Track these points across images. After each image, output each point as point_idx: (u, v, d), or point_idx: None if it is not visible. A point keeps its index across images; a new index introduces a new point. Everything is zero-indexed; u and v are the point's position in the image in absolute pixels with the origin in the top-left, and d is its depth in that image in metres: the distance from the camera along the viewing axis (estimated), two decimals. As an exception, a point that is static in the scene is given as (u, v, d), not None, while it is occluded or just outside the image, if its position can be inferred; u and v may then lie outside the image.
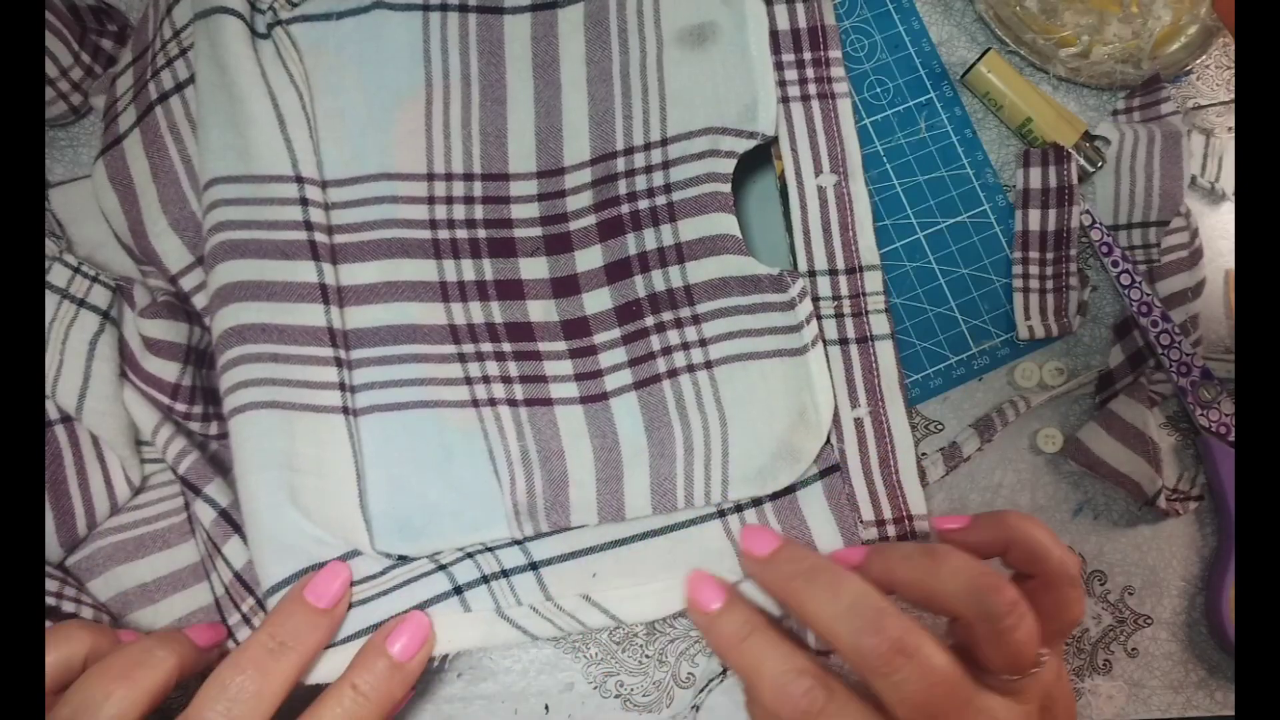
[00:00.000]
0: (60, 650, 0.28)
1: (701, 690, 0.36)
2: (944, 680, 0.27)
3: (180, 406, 0.33)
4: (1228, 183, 0.39)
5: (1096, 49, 0.39)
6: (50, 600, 0.32)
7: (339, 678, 0.29)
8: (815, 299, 0.36)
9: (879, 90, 0.39)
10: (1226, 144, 0.39)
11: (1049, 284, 0.38)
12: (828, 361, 0.34)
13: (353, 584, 0.31)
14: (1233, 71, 0.40)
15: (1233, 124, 0.40)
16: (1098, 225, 0.38)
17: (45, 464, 0.33)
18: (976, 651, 0.28)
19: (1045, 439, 0.37)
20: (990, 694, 0.27)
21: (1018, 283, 0.38)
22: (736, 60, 0.35)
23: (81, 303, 0.33)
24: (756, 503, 0.34)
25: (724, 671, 0.36)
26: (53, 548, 0.33)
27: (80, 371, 0.32)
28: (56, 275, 0.33)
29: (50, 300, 0.32)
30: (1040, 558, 0.30)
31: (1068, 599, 0.29)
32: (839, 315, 0.36)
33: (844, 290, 0.36)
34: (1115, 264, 0.38)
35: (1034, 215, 0.38)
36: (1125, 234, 0.38)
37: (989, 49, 0.38)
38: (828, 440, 0.34)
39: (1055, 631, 0.29)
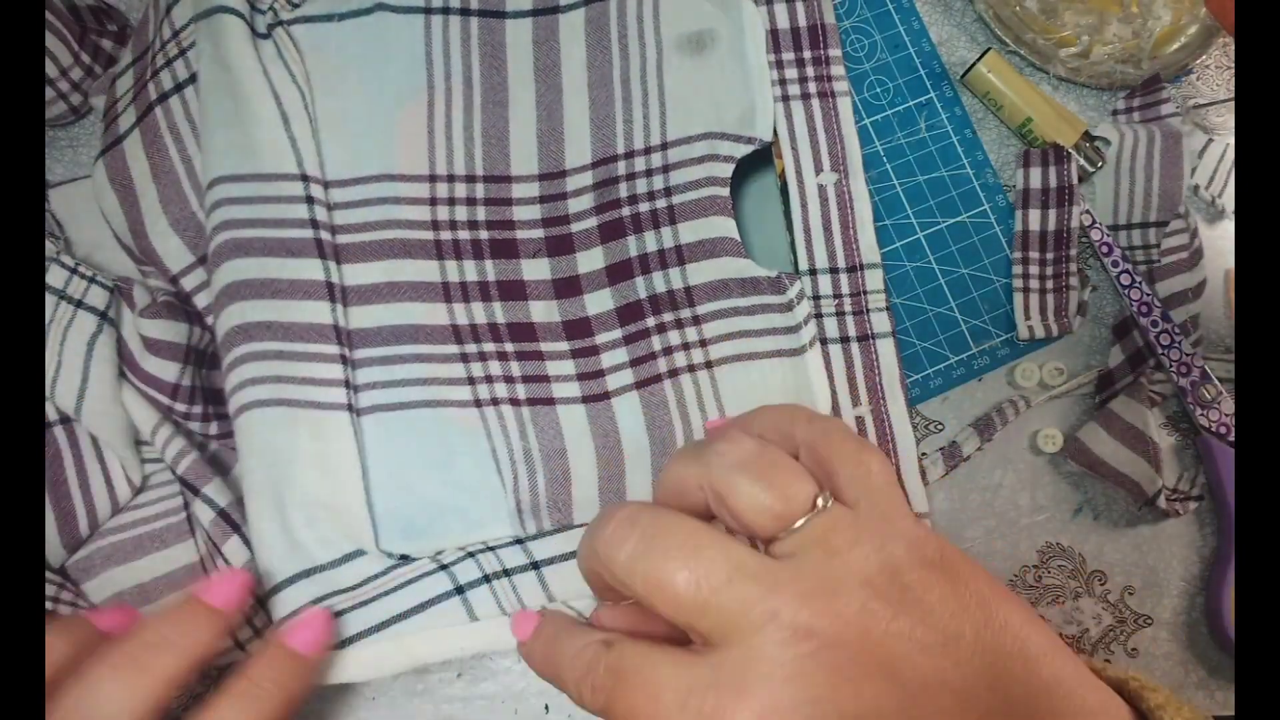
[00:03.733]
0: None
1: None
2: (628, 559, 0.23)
3: (180, 406, 0.33)
4: (1230, 200, 0.39)
5: (1096, 49, 0.39)
6: (48, 604, 0.32)
7: (237, 673, 0.27)
8: (816, 297, 0.36)
9: (879, 90, 0.39)
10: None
11: (1049, 284, 0.38)
12: (828, 361, 0.35)
13: (355, 585, 0.31)
14: (1233, 71, 0.40)
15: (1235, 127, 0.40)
16: (1098, 225, 0.38)
17: (45, 465, 0.33)
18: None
19: (1045, 439, 0.37)
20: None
21: (1018, 283, 0.38)
22: (734, 67, 0.36)
23: (79, 303, 0.33)
24: None
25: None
26: (55, 549, 0.33)
27: (79, 372, 0.32)
28: (54, 276, 0.33)
29: (48, 301, 0.32)
30: (785, 430, 0.26)
31: (843, 452, 0.25)
32: (840, 313, 0.36)
33: (845, 288, 0.36)
34: (1115, 264, 0.38)
35: (1034, 215, 0.38)
36: (1125, 234, 0.39)
37: (989, 49, 0.38)
38: None
39: (853, 485, 0.25)
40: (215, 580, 0.28)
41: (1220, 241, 0.39)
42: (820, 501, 0.24)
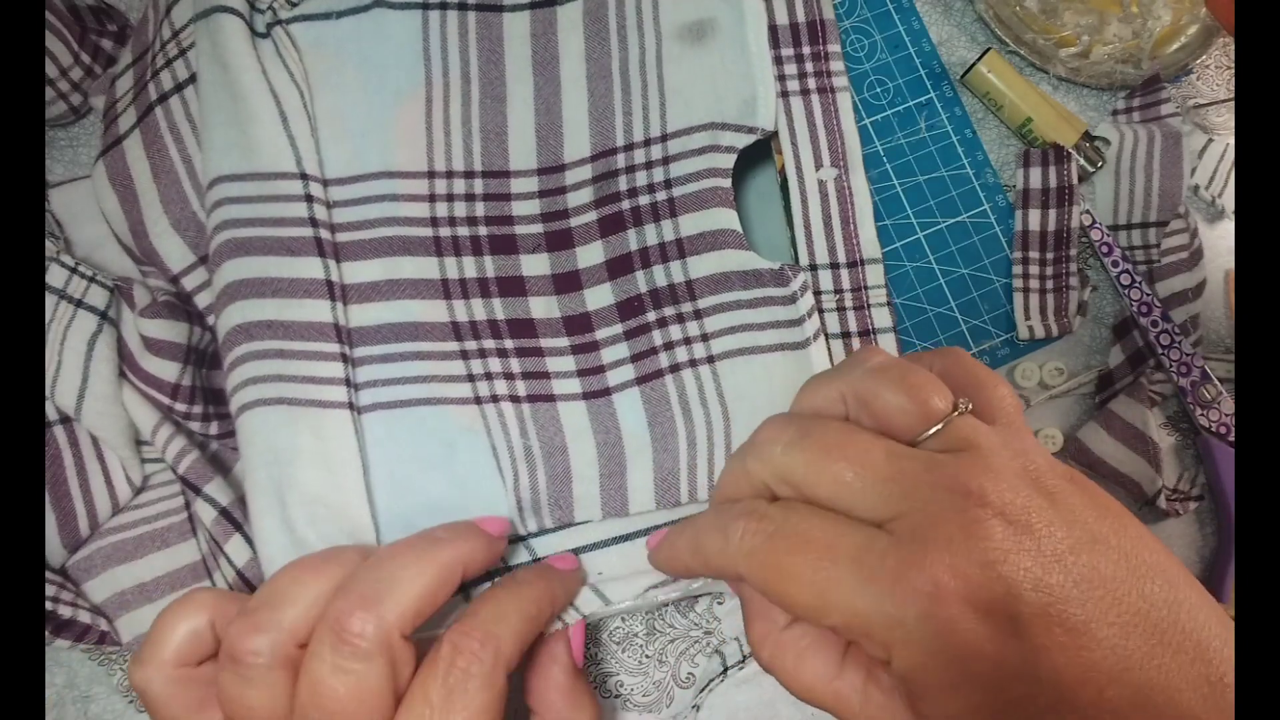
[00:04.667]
0: (182, 616, 0.27)
1: (702, 690, 0.36)
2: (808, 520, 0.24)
3: (180, 406, 0.33)
4: (1230, 200, 0.39)
5: (1096, 49, 0.39)
6: (47, 604, 0.32)
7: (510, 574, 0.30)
8: (817, 292, 0.36)
9: (879, 90, 0.39)
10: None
11: (1049, 284, 0.38)
12: (830, 355, 0.35)
13: None
14: (1233, 71, 0.40)
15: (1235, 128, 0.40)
16: (1098, 225, 0.38)
17: (45, 465, 0.33)
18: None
19: (1045, 439, 0.37)
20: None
21: (1018, 283, 0.38)
22: (735, 56, 0.35)
23: (79, 303, 0.33)
24: None
25: (724, 671, 0.36)
26: (56, 549, 0.33)
27: (79, 372, 0.32)
28: (54, 276, 0.33)
29: (48, 301, 0.32)
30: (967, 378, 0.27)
31: (966, 372, 0.26)
32: (841, 309, 0.36)
33: (845, 283, 0.36)
34: (1115, 264, 0.38)
35: (1034, 215, 0.38)
36: (1125, 234, 0.39)
37: (989, 49, 0.38)
38: None
39: (987, 411, 0.26)
40: (490, 519, 0.30)
41: (1220, 241, 0.39)
42: (961, 406, 0.25)
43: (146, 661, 0.26)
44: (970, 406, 0.25)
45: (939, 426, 0.24)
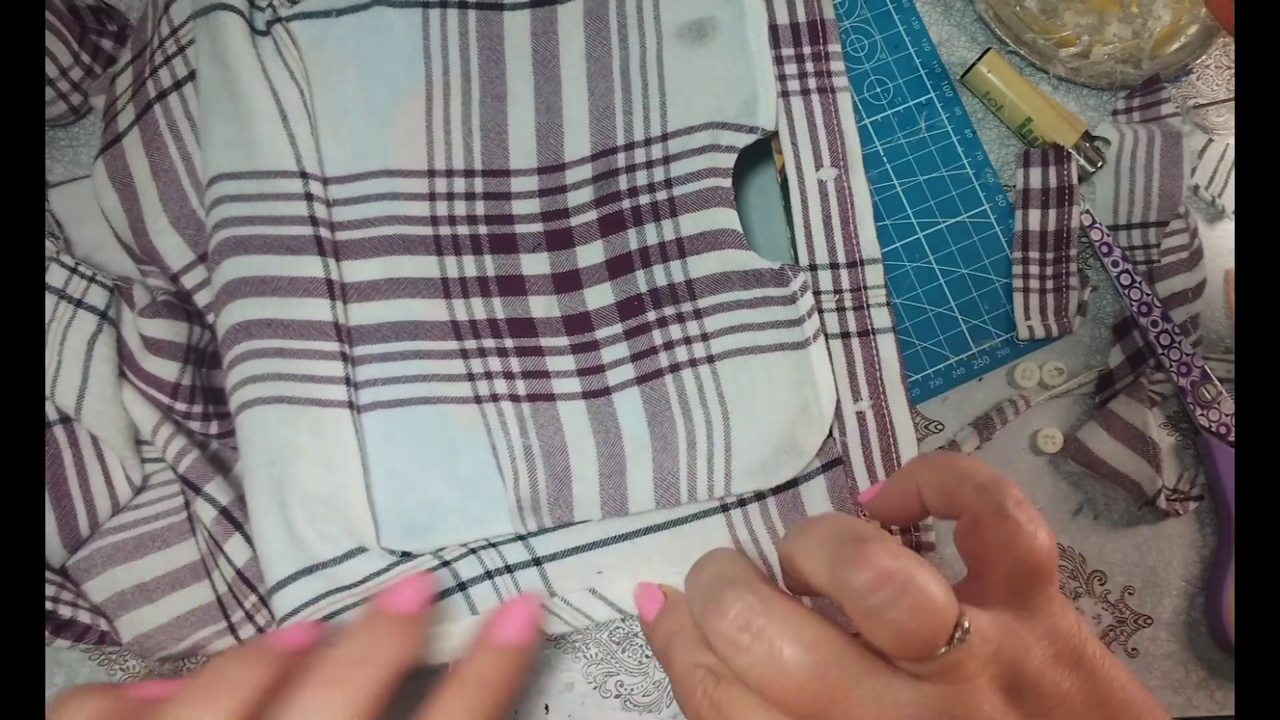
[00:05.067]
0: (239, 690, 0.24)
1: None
2: (798, 666, 0.22)
3: (180, 406, 0.33)
4: (1230, 200, 0.39)
5: (1096, 49, 0.39)
6: (47, 604, 0.32)
7: (456, 667, 0.27)
8: (816, 292, 0.36)
9: (879, 90, 0.39)
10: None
11: (1049, 284, 0.38)
12: (829, 355, 0.35)
13: (357, 582, 0.31)
14: (1233, 71, 0.40)
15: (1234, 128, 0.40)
16: (1098, 225, 0.38)
17: (45, 465, 0.33)
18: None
19: (1045, 439, 0.37)
20: (893, 676, 0.22)
21: (1018, 283, 0.38)
22: (736, 55, 0.35)
23: (79, 303, 0.33)
24: (759, 496, 0.34)
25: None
26: (56, 549, 0.33)
27: (79, 372, 0.32)
28: (53, 276, 0.33)
29: (48, 301, 0.32)
30: (951, 490, 0.25)
31: (1005, 531, 0.23)
32: (840, 309, 0.36)
33: (845, 284, 0.36)
34: (1115, 264, 0.38)
35: (1034, 215, 0.38)
36: (1125, 234, 0.39)
37: (989, 49, 0.38)
38: (830, 434, 0.34)
39: (1012, 578, 0.23)
40: (396, 589, 0.27)
41: (1220, 241, 0.39)
42: (960, 634, 0.21)
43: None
44: (969, 631, 0.21)
45: (939, 651, 0.21)
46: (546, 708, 0.36)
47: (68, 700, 0.25)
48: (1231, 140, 0.39)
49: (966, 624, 0.21)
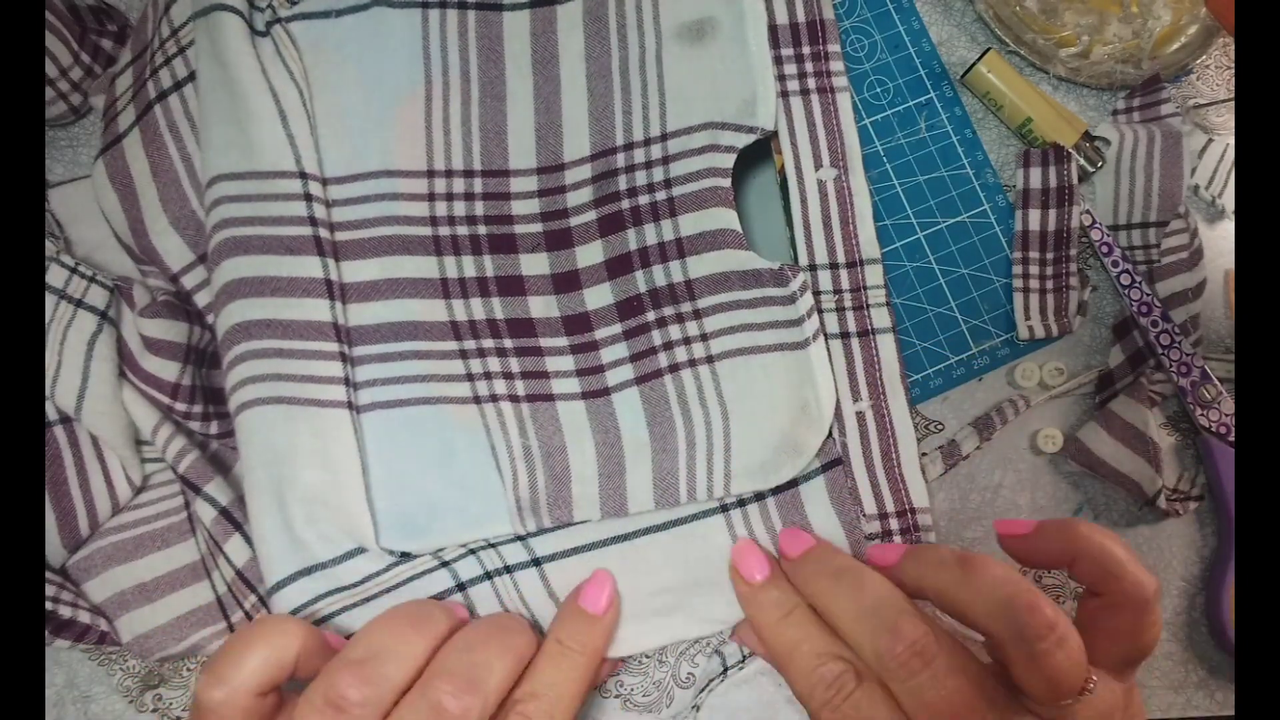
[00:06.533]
0: (273, 644, 0.27)
1: (702, 690, 0.36)
2: (958, 692, 0.26)
3: (180, 406, 0.33)
4: (1230, 200, 0.39)
5: (1096, 49, 0.39)
6: (47, 604, 0.32)
7: (550, 634, 0.31)
8: (816, 293, 0.36)
9: (879, 90, 0.39)
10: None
11: (1049, 284, 0.38)
12: (829, 355, 0.35)
13: (356, 582, 0.31)
14: (1233, 71, 0.40)
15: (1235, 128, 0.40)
16: (1098, 225, 0.38)
17: (45, 465, 0.33)
18: (1011, 673, 0.26)
19: (1045, 439, 0.37)
20: (1025, 715, 0.26)
21: (1018, 283, 0.38)
22: (735, 55, 0.35)
23: (79, 303, 0.33)
24: (759, 497, 0.34)
25: (724, 671, 0.36)
26: (56, 549, 0.33)
27: (79, 372, 0.32)
28: (54, 275, 0.33)
29: (48, 301, 0.32)
30: (1113, 575, 0.27)
31: (1141, 624, 0.27)
32: (840, 309, 0.36)
33: (845, 284, 0.36)
34: (1115, 264, 0.38)
35: (1034, 215, 0.38)
36: (1125, 234, 0.39)
37: (989, 49, 0.38)
38: (829, 434, 0.34)
39: (1125, 657, 0.27)
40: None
41: (1220, 241, 0.39)
42: (1090, 685, 0.26)
43: (224, 682, 0.26)
44: (1094, 687, 0.26)
45: (1069, 700, 0.26)
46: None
47: (273, 627, 0.27)
48: (1231, 140, 0.39)
49: (1094, 681, 0.26)
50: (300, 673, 0.27)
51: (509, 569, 0.33)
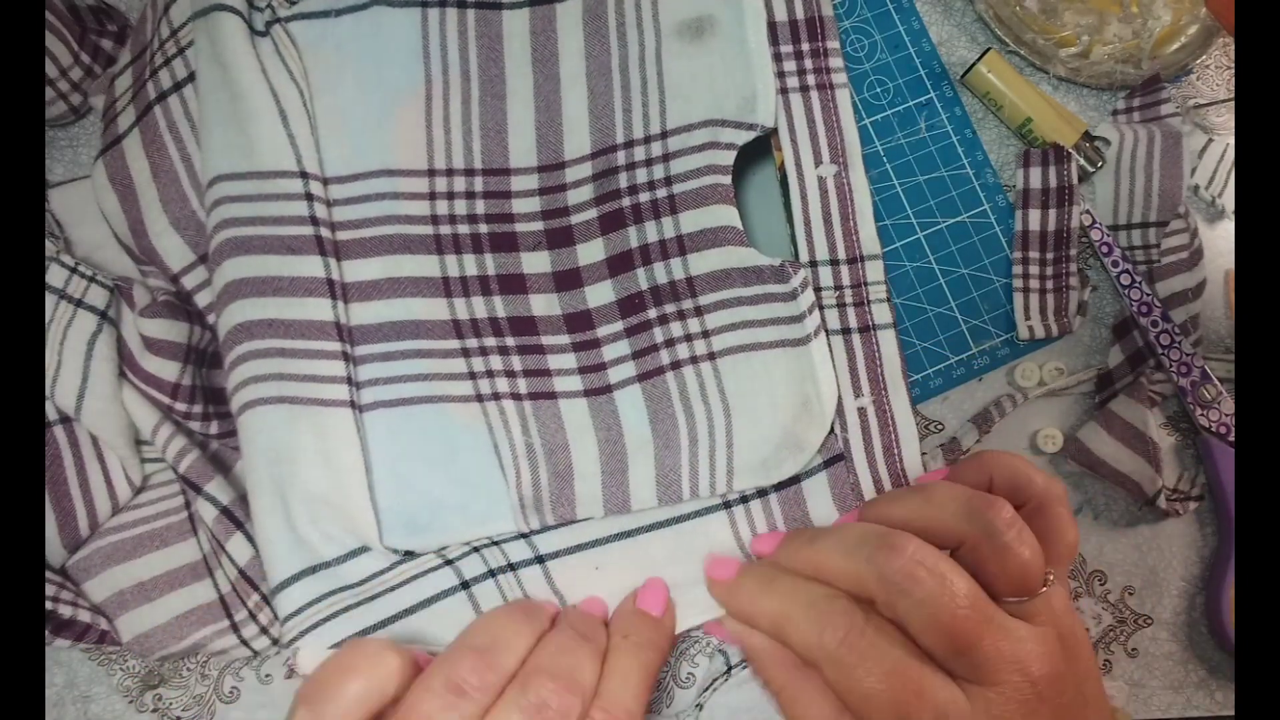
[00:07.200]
0: (373, 674, 0.26)
1: (705, 690, 0.36)
2: (967, 596, 0.27)
3: (180, 406, 0.33)
4: (1230, 200, 0.39)
5: (1096, 49, 0.39)
6: (47, 604, 0.32)
7: (614, 633, 0.31)
8: (817, 289, 0.36)
9: (879, 90, 0.39)
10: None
11: (1049, 284, 0.38)
12: (830, 351, 0.35)
13: (359, 581, 0.31)
14: (1233, 71, 0.40)
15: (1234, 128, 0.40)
16: (1098, 225, 0.38)
17: (45, 465, 0.33)
18: (982, 576, 0.28)
19: (1045, 439, 0.37)
20: (1009, 616, 0.28)
21: (1018, 283, 0.38)
22: (735, 53, 0.35)
23: (79, 303, 0.33)
24: (761, 493, 0.34)
25: (728, 671, 0.36)
26: (56, 549, 0.33)
27: (79, 372, 0.32)
28: (53, 275, 0.33)
29: (48, 301, 0.32)
30: (1023, 484, 0.31)
31: (1060, 519, 0.30)
32: (841, 305, 0.36)
33: (845, 280, 0.36)
34: (1115, 264, 0.38)
35: (1034, 215, 0.38)
36: (1125, 234, 0.39)
37: (989, 49, 0.38)
38: (831, 430, 0.34)
39: (1054, 557, 0.30)
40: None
41: (1220, 241, 0.39)
42: (1049, 580, 0.29)
43: (322, 715, 0.26)
44: (1052, 579, 0.29)
45: (1028, 599, 0.28)
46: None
47: (375, 659, 0.27)
48: (1231, 140, 0.39)
49: (1052, 574, 0.29)
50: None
51: (512, 566, 0.33)
